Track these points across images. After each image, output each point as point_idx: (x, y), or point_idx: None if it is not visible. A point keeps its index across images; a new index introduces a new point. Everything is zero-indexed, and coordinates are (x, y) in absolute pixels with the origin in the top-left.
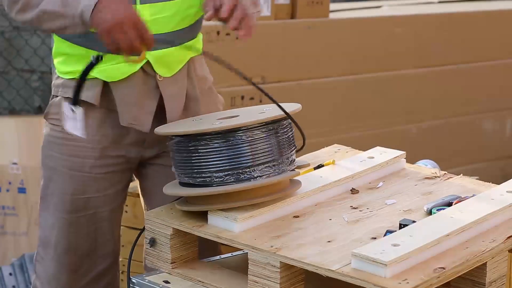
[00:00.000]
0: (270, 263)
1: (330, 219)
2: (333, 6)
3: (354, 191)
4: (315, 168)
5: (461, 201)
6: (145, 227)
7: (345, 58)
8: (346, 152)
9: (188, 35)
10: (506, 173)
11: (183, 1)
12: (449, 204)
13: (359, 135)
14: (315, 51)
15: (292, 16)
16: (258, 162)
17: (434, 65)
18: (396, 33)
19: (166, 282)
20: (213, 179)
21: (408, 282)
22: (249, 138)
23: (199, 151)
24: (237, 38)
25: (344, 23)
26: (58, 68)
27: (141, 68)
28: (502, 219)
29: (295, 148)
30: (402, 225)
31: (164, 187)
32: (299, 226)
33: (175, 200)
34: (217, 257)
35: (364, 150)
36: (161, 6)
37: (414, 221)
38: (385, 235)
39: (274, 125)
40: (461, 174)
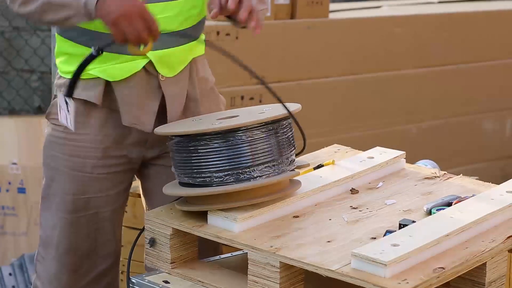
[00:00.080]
0: (270, 263)
1: (330, 219)
2: (333, 6)
3: (354, 191)
4: (315, 168)
5: (461, 201)
6: (145, 227)
7: (345, 58)
8: (346, 152)
9: (191, 35)
10: (506, 173)
11: (186, 1)
12: (449, 204)
13: (359, 135)
14: (315, 51)
15: (292, 16)
16: (258, 162)
17: (434, 65)
18: (396, 33)
19: (166, 282)
20: (213, 179)
21: (407, 282)
22: (249, 138)
23: (199, 151)
24: (236, 38)
25: (344, 23)
26: (60, 67)
27: (143, 68)
28: (502, 219)
29: (294, 148)
30: (401, 225)
31: (164, 187)
32: (299, 226)
33: (175, 200)
34: (217, 257)
35: (364, 150)
36: (164, 6)
37: (413, 221)
38: (384, 235)
39: (274, 125)
40: (461, 174)
